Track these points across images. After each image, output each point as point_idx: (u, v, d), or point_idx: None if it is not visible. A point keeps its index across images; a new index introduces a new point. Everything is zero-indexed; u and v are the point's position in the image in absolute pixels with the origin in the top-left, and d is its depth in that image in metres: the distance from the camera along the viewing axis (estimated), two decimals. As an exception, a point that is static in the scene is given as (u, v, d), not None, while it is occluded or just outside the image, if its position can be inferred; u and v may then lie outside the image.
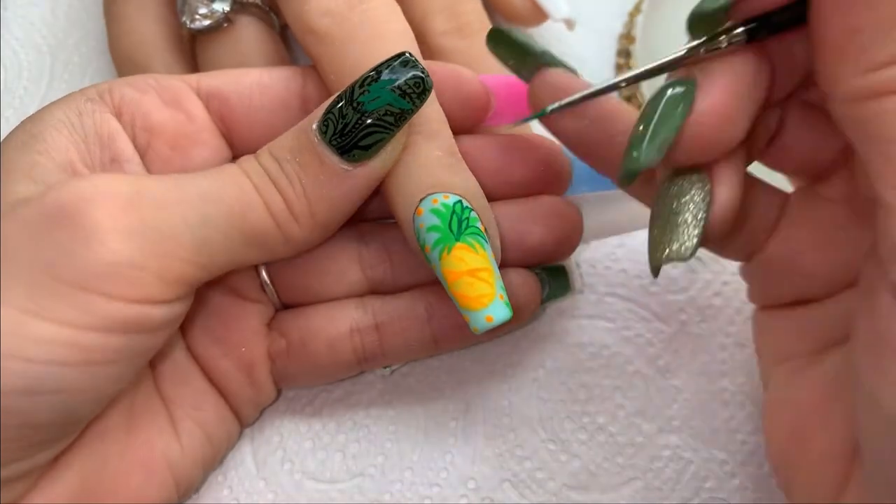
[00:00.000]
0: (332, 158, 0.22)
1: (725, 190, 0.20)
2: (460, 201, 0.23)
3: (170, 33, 0.30)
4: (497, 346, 0.29)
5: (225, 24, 0.28)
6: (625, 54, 0.34)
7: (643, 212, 0.29)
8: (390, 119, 0.21)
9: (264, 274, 0.27)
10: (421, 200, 0.23)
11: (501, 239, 0.25)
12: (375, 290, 0.27)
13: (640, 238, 0.31)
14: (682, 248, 0.20)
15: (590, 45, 0.35)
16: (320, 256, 0.26)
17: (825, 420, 0.21)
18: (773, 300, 0.24)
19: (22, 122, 0.23)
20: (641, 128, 0.20)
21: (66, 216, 0.20)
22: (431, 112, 0.24)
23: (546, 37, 0.35)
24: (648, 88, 0.33)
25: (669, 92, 0.20)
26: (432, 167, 0.23)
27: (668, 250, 0.20)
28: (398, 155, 0.23)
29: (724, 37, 0.20)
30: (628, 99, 0.33)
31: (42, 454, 0.21)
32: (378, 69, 0.22)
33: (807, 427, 0.21)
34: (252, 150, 0.24)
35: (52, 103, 0.24)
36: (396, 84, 0.21)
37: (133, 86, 0.24)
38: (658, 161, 0.19)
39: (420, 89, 0.22)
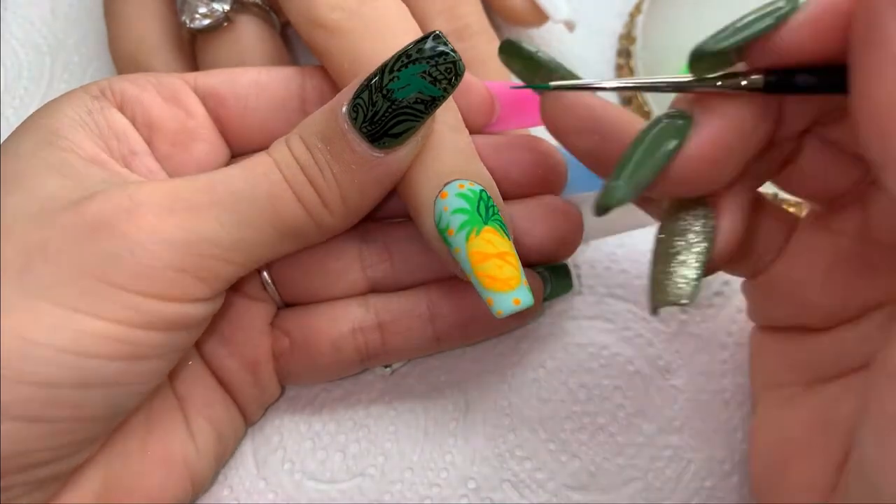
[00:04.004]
0: (363, 146, 0.22)
1: (728, 222, 0.20)
2: (484, 190, 0.23)
3: (170, 33, 0.30)
4: (497, 346, 0.29)
5: (225, 24, 0.28)
6: (625, 54, 0.34)
7: (642, 211, 0.29)
8: (421, 107, 0.21)
9: (265, 273, 0.27)
10: (446, 184, 0.23)
11: None
12: (376, 289, 0.27)
13: (640, 238, 0.30)
14: (680, 293, 0.19)
15: (590, 45, 0.35)
16: (321, 255, 0.26)
17: (808, 452, 0.21)
18: (770, 322, 0.24)
19: (31, 120, 0.23)
20: (623, 163, 0.19)
21: (107, 226, 0.20)
22: (453, 108, 0.24)
23: (546, 38, 0.35)
24: (653, 97, 0.33)
25: (661, 125, 0.19)
26: (459, 155, 0.23)
27: (666, 294, 0.20)
28: (425, 141, 0.23)
29: (739, 77, 0.19)
30: (628, 101, 0.33)
31: (84, 452, 0.22)
32: (407, 51, 0.21)
33: (789, 455, 0.21)
34: (250, 150, 0.23)
35: (57, 100, 0.24)
36: (427, 70, 0.21)
37: (133, 82, 0.25)
38: (632, 198, 0.19)
39: (451, 74, 0.21)
